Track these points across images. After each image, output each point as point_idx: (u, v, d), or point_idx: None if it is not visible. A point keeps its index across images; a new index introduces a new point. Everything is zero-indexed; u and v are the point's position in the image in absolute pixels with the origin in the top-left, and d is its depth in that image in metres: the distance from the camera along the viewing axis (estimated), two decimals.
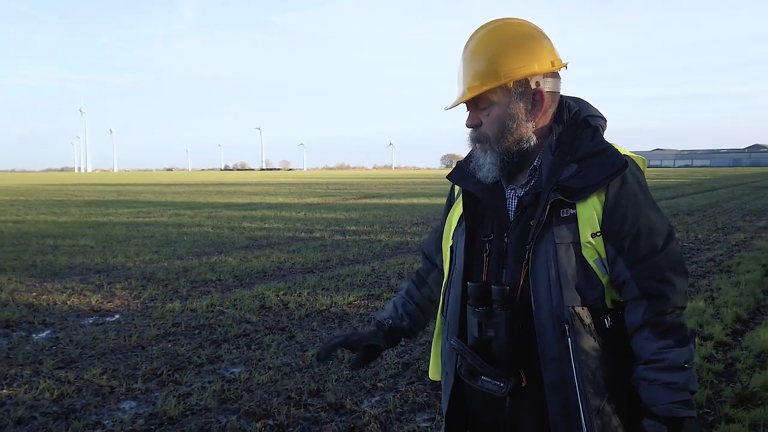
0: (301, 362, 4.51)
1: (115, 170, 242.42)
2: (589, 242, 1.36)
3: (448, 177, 1.60)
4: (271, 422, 3.53)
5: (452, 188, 1.68)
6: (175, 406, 3.69)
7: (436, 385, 4.02)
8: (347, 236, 11.93)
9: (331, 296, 6.57)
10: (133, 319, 5.74)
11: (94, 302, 6.45)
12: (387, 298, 6.45)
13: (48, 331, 5.43)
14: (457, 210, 1.57)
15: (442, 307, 1.61)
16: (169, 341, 5.05)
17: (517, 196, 1.47)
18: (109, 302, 6.47)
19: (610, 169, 1.36)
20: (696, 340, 4.83)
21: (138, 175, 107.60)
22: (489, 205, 1.50)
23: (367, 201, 23.44)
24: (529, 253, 1.38)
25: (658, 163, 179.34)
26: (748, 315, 5.63)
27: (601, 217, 1.37)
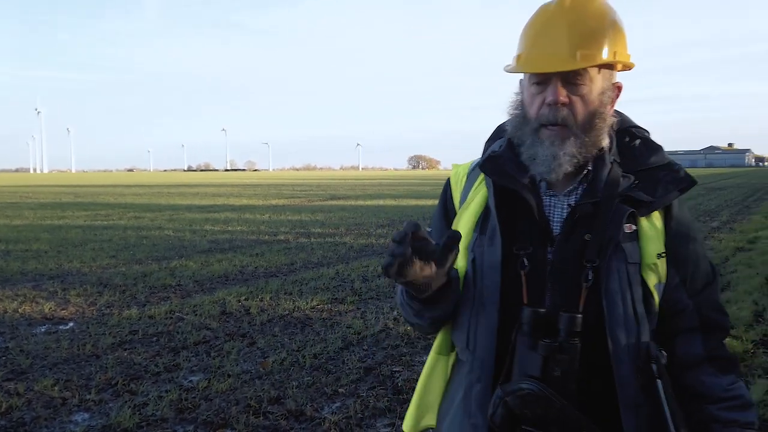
0: (261, 369, 4.46)
1: (73, 171, 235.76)
2: (654, 264, 1.19)
3: (482, 168, 1.28)
4: (229, 431, 3.47)
5: (448, 188, 1.39)
6: (129, 417, 3.60)
7: (397, 390, 4.03)
8: (312, 239, 11.86)
9: (293, 301, 6.51)
10: (88, 327, 5.57)
11: (47, 310, 6.24)
12: (351, 302, 6.44)
13: None
14: (468, 214, 1.29)
15: (467, 341, 1.27)
16: (126, 350, 4.93)
17: (569, 203, 1.24)
18: (63, 310, 6.28)
19: (678, 183, 1.22)
20: None
21: (97, 176, 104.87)
22: (526, 211, 1.24)
23: (334, 202, 23.37)
24: (593, 273, 1.17)
25: None
26: None
27: (663, 237, 1.21)
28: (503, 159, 1.27)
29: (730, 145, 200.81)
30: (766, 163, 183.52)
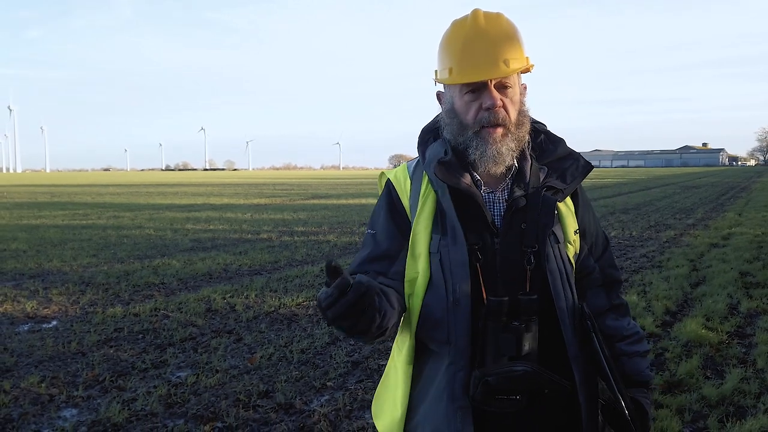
0: (249, 364, 4.49)
1: (48, 170, 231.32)
2: (573, 240, 1.43)
3: (437, 174, 1.36)
4: (219, 425, 3.50)
5: (393, 192, 1.47)
6: (119, 412, 3.61)
7: None
8: (295, 237, 11.87)
9: (279, 298, 6.54)
10: (72, 325, 5.54)
11: (29, 309, 6.18)
12: None
13: None
14: (425, 218, 1.39)
15: (447, 335, 1.37)
16: (111, 347, 4.92)
17: (504, 198, 1.40)
18: (46, 308, 6.22)
19: (581, 170, 1.45)
20: None
21: (72, 175, 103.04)
22: (473, 209, 1.37)
23: (315, 201, 23.34)
24: (534, 257, 1.35)
25: (596, 163, 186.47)
26: (676, 307, 5.98)
27: (575, 216, 1.45)
28: (452, 164, 1.39)
29: (704, 144, 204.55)
30: (739, 163, 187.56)
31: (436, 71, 1.42)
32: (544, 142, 1.47)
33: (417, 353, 1.45)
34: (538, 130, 1.48)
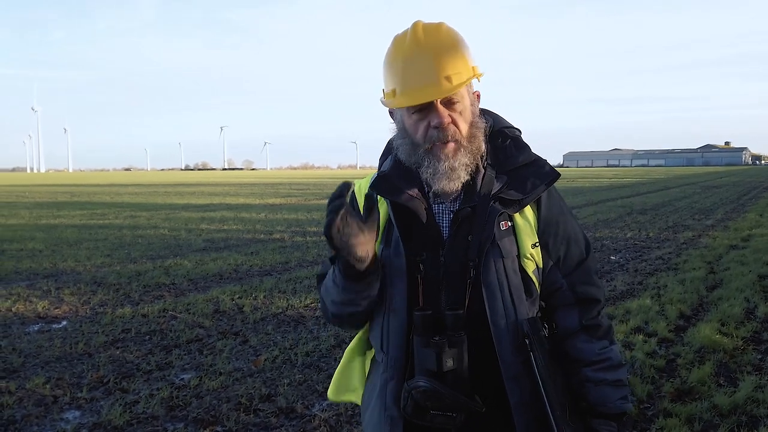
0: (253, 367, 4.47)
1: (70, 170, 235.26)
2: (531, 254, 1.34)
3: (375, 188, 1.37)
4: (219, 429, 3.48)
5: (353, 201, 1.40)
6: (120, 414, 3.61)
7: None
8: (308, 237, 11.88)
9: (287, 299, 6.52)
10: (81, 326, 5.58)
11: (40, 309, 6.25)
12: None
13: None
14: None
15: (381, 343, 1.39)
16: (118, 348, 4.94)
17: (452, 210, 1.36)
18: (57, 308, 6.28)
19: (543, 178, 1.36)
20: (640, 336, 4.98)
21: (94, 175, 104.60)
22: (418, 221, 1.35)
23: None
24: (474, 270, 1.31)
25: (615, 162, 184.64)
26: (691, 311, 5.84)
27: (536, 228, 1.36)
28: (392, 176, 1.39)
29: (726, 143, 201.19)
30: (762, 162, 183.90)
31: (383, 90, 1.37)
32: (508, 149, 1.41)
33: (371, 361, 1.49)
34: (507, 135, 1.42)
